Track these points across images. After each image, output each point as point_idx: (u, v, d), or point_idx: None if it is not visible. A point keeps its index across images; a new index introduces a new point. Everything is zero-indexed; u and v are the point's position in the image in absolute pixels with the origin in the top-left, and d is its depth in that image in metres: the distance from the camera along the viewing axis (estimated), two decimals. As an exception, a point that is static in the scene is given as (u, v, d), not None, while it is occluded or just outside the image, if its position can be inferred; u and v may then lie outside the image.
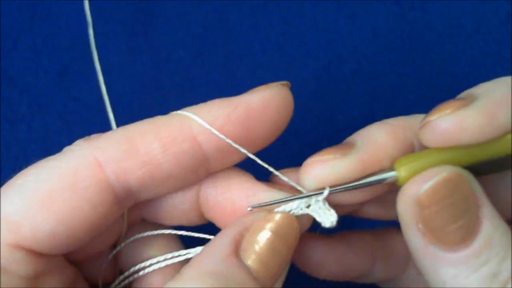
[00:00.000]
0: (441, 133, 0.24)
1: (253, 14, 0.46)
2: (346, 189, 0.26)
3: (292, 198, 0.26)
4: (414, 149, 0.27)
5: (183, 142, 0.25)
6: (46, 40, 0.45)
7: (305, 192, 0.27)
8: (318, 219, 0.26)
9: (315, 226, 0.28)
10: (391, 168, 0.26)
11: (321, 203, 0.26)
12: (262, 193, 0.27)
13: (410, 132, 0.27)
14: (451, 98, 0.47)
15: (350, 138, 0.28)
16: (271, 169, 0.27)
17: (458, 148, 0.24)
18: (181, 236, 0.30)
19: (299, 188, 0.27)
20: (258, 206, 0.26)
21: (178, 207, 0.28)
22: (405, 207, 0.24)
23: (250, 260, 0.24)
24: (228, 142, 0.26)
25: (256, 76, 0.44)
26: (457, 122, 0.23)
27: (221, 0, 0.46)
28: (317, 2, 0.46)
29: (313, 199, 0.26)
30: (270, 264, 0.25)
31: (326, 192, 0.26)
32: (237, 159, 0.27)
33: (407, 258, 0.31)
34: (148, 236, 0.29)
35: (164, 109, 0.28)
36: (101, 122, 0.42)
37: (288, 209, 0.26)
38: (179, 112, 0.26)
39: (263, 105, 0.26)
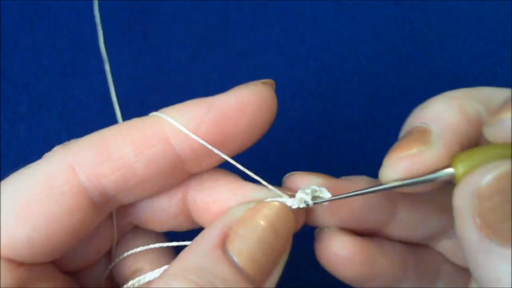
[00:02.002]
0: (404, 173, 0.23)
1: (253, 14, 0.46)
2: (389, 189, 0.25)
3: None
4: (482, 121, 0.26)
5: (155, 144, 0.25)
6: (46, 40, 0.45)
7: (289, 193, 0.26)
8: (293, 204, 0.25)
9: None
10: (447, 165, 0.24)
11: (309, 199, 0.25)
12: (250, 192, 0.26)
13: (477, 104, 0.26)
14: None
15: (415, 122, 0.26)
16: (248, 172, 0.26)
17: None
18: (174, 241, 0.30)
19: (278, 192, 0.26)
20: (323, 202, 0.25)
21: (166, 212, 0.28)
22: (464, 200, 0.23)
23: (238, 254, 0.23)
24: (203, 144, 0.25)
25: (256, 76, 0.44)
26: (422, 161, 0.23)
27: (221, 0, 0.46)
28: (317, 2, 0.46)
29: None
30: (260, 259, 0.23)
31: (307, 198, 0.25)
32: (216, 160, 0.26)
33: (437, 272, 0.30)
34: (141, 246, 0.29)
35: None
36: (101, 122, 0.42)
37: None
38: (154, 113, 0.26)
39: (239, 106, 0.25)
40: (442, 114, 0.25)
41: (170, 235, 0.31)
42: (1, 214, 0.24)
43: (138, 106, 0.44)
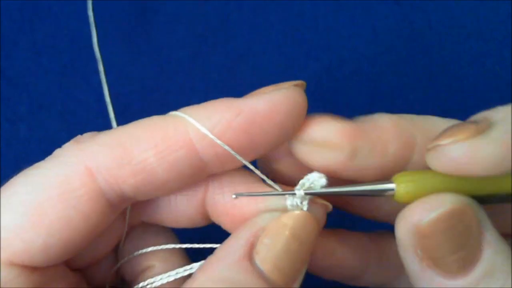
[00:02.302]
0: (452, 162, 0.22)
1: (253, 14, 0.46)
2: (334, 194, 0.25)
3: (269, 194, 0.25)
4: (414, 148, 0.25)
5: (179, 149, 0.24)
6: (46, 40, 0.45)
7: (296, 192, 0.25)
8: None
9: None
10: (389, 181, 0.24)
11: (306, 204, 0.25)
12: (270, 198, 0.25)
13: (416, 129, 0.25)
14: (451, 98, 0.47)
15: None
16: (263, 177, 0.26)
17: (465, 179, 0.23)
18: (183, 238, 0.30)
19: (276, 190, 0.26)
20: (242, 195, 0.25)
21: (184, 212, 0.27)
22: (405, 234, 0.23)
23: (264, 264, 0.23)
24: (226, 151, 0.24)
25: (256, 76, 0.44)
26: (470, 151, 0.21)
27: (221, 0, 0.46)
28: (317, 2, 0.46)
29: (295, 199, 0.25)
30: (286, 267, 0.23)
31: (300, 193, 0.25)
32: (238, 164, 0.26)
33: (401, 263, 0.30)
34: (149, 241, 0.29)
35: (164, 109, 0.27)
36: (101, 122, 0.42)
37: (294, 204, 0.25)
38: (176, 113, 0.25)
39: (270, 111, 0.24)
40: (376, 117, 0.27)
41: (177, 230, 0.30)
42: (16, 219, 0.23)
43: (138, 106, 0.44)
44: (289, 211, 0.25)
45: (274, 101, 0.24)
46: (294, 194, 0.25)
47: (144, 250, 0.28)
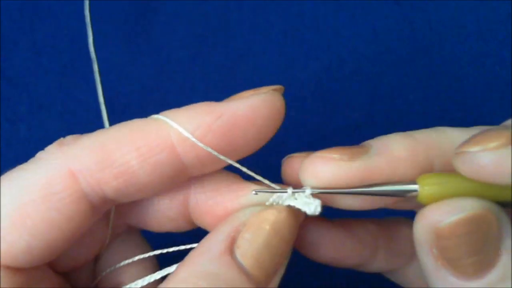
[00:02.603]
0: (479, 169, 0.22)
1: (253, 14, 0.46)
2: (346, 194, 0.25)
3: (278, 191, 0.26)
4: (433, 171, 0.25)
5: (161, 152, 0.24)
6: (46, 40, 0.45)
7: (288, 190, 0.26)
8: (301, 208, 0.25)
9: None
10: (412, 182, 0.24)
11: (304, 197, 0.25)
12: (253, 194, 0.26)
13: (433, 151, 0.25)
14: (451, 98, 0.47)
15: (366, 143, 0.26)
16: (252, 174, 0.26)
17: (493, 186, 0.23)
18: (163, 243, 0.30)
19: (272, 186, 0.26)
20: (262, 191, 0.25)
21: (167, 214, 0.28)
22: (423, 232, 0.23)
23: (245, 259, 0.23)
24: (209, 152, 0.24)
25: (256, 76, 0.45)
26: (500, 161, 0.21)
27: (221, 0, 0.46)
28: (317, 2, 0.46)
29: (301, 195, 0.25)
30: (266, 262, 0.24)
31: (308, 191, 0.25)
32: (220, 166, 0.26)
33: (412, 250, 0.30)
34: (129, 249, 0.29)
35: (164, 109, 0.27)
36: (101, 122, 0.42)
37: (270, 202, 0.26)
38: (158, 116, 0.25)
39: (250, 115, 0.24)
40: (390, 144, 0.25)
41: (162, 239, 0.30)
42: None
43: (138, 106, 0.44)
44: (270, 207, 0.25)
45: (254, 105, 0.25)
46: (303, 191, 0.25)
47: (119, 265, 0.28)
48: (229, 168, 0.27)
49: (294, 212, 0.25)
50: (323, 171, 0.24)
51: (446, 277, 0.23)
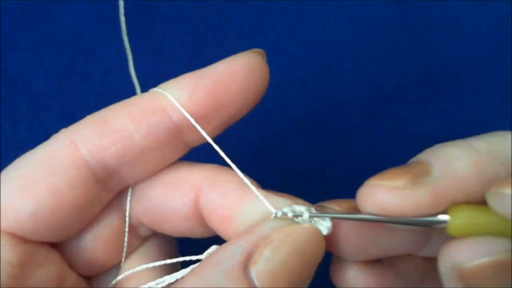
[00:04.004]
0: (379, 205, 0.22)
1: (253, 14, 0.46)
2: (378, 221, 0.23)
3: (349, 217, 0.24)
4: None
5: (153, 114, 0.26)
6: (46, 40, 0.45)
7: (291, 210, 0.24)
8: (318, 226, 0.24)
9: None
10: (443, 211, 0.22)
11: (309, 212, 0.24)
12: (260, 201, 0.25)
13: (497, 163, 0.22)
14: (450, 98, 0.47)
15: (423, 158, 0.23)
16: (233, 166, 0.26)
17: None
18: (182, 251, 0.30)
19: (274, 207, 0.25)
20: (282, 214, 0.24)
21: (179, 212, 0.27)
22: (447, 267, 0.22)
23: (260, 277, 0.22)
24: (198, 112, 0.26)
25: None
26: (402, 200, 0.22)
27: (221, 0, 0.46)
28: (317, 2, 0.46)
29: (297, 208, 0.24)
30: (281, 283, 0.22)
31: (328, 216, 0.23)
32: (214, 128, 0.27)
33: None
34: (154, 256, 0.29)
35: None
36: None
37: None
38: (152, 89, 0.27)
39: (230, 72, 0.26)
40: (452, 159, 0.23)
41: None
42: (5, 189, 0.25)
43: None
44: (295, 223, 0.23)
45: (233, 63, 0.27)
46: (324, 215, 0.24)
47: (135, 269, 0.28)
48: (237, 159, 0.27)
49: (319, 233, 0.24)
50: (387, 202, 0.22)
51: None
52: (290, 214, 0.24)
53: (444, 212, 0.22)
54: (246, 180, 0.26)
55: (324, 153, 0.43)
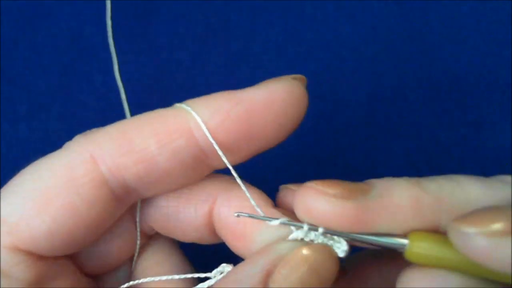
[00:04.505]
0: (476, 251, 0.21)
1: (253, 14, 0.46)
2: (342, 237, 0.23)
3: (271, 218, 0.24)
4: (438, 227, 0.23)
5: (179, 137, 0.24)
6: (46, 40, 0.45)
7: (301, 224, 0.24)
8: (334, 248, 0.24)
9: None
10: (403, 236, 0.23)
11: (323, 237, 0.24)
12: (268, 227, 0.25)
13: (442, 206, 0.23)
14: (451, 98, 0.47)
15: (370, 182, 0.24)
16: (239, 182, 0.26)
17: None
18: (192, 258, 0.30)
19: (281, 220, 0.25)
20: (243, 215, 0.24)
21: (192, 222, 0.27)
22: None
23: None
24: (227, 138, 0.24)
25: (256, 76, 0.44)
26: (498, 248, 0.20)
27: (221, 0, 0.46)
28: (317, 2, 0.46)
29: (312, 233, 0.24)
30: None
31: (320, 230, 0.24)
32: (241, 157, 0.26)
33: None
34: (162, 261, 0.29)
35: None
36: (101, 123, 0.42)
37: (298, 237, 0.24)
38: (178, 104, 0.25)
39: (267, 101, 0.24)
40: (393, 188, 0.23)
41: (186, 247, 0.30)
42: (22, 205, 0.24)
43: (137, 106, 0.44)
44: (310, 243, 0.24)
45: (272, 91, 0.24)
46: (316, 229, 0.24)
47: (151, 279, 0.28)
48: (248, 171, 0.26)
49: (334, 253, 0.24)
50: (314, 206, 0.23)
51: None
52: (306, 238, 0.24)
53: (403, 236, 0.23)
54: (259, 211, 0.25)
55: (323, 153, 0.43)
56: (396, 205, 0.23)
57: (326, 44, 0.45)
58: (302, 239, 0.24)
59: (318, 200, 0.23)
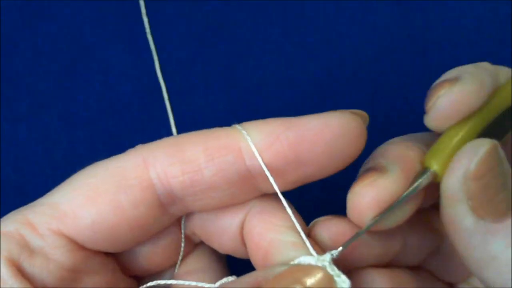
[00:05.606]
0: (444, 113, 0.25)
1: (253, 14, 0.46)
2: (391, 211, 0.25)
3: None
4: None
5: (227, 154, 0.25)
6: (47, 40, 0.45)
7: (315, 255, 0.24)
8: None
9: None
10: (422, 171, 0.25)
11: (330, 267, 0.24)
12: (289, 248, 0.25)
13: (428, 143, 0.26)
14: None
15: (371, 162, 0.26)
16: (285, 204, 0.26)
17: (467, 122, 0.25)
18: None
19: (311, 251, 0.25)
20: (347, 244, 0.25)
21: (227, 230, 0.28)
22: (455, 185, 0.24)
23: None
24: (276, 162, 0.25)
25: (256, 76, 0.44)
26: (453, 96, 0.25)
27: (221, 0, 0.46)
28: (317, 2, 0.46)
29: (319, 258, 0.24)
30: None
31: (328, 256, 0.24)
32: (288, 183, 0.26)
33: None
34: (203, 265, 0.30)
35: (164, 108, 0.27)
36: (101, 123, 0.42)
37: (305, 262, 0.24)
38: (235, 125, 0.26)
39: (319, 129, 0.25)
40: (394, 149, 0.27)
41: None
42: (71, 193, 0.25)
43: (137, 106, 0.44)
44: (310, 267, 0.24)
45: (326, 120, 0.25)
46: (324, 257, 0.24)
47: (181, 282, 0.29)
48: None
49: (333, 282, 0.24)
50: (372, 196, 0.25)
51: (485, 227, 0.23)
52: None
53: (423, 172, 0.25)
54: (300, 230, 0.25)
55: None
56: (408, 154, 0.26)
57: (326, 44, 0.45)
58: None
59: (369, 191, 0.25)
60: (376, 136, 0.45)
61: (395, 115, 0.44)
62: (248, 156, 0.25)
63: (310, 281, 0.22)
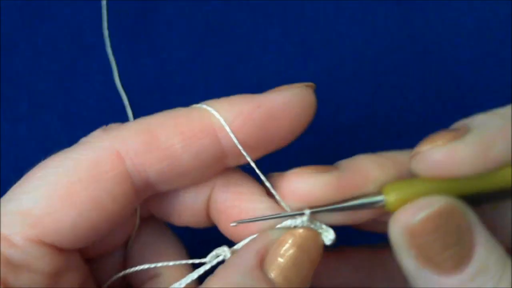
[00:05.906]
0: (432, 165, 0.24)
1: (253, 14, 0.46)
2: (329, 210, 0.26)
3: (275, 216, 0.26)
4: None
5: (204, 137, 0.25)
6: (47, 40, 0.45)
7: (288, 210, 0.27)
8: (321, 235, 0.27)
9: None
10: (378, 192, 0.25)
11: (310, 223, 0.26)
12: (267, 211, 0.26)
13: (401, 167, 0.26)
14: (451, 98, 0.47)
15: (336, 163, 0.27)
16: (263, 177, 0.27)
17: (451, 178, 0.24)
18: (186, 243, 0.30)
19: (283, 205, 0.27)
20: (241, 222, 0.26)
21: (191, 207, 0.28)
22: (397, 235, 0.24)
23: (274, 274, 0.24)
24: (248, 140, 0.25)
25: (256, 76, 0.45)
26: (448, 154, 0.23)
27: (221, 0, 0.46)
28: (317, 2, 0.46)
29: (298, 219, 0.26)
30: (293, 278, 0.25)
31: (307, 212, 0.26)
32: (256, 157, 0.27)
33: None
34: (156, 243, 0.30)
35: (164, 108, 0.27)
36: (101, 123, 0.42)
37: (288, 225, 0.26)
38: (200, 105, 0.26)
39: (286, 107, 0.26)
40: (357, 161, 0.27)
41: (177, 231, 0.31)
42: (48, 199, 0.24)
43: (138, 106, 0.44)
44: (296, 228, 0.26)
45: (291, 97, 0.26)
46: (302, 214, 0.26)
47: (153, 265, 0.28)
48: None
49: (318, 234, 0.26)
50: (300, 187, 0.26)
51: (428, 276, 0.24)
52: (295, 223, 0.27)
53: (378, 193, 0.25)
54: (275, 193, 0.26)
55: (323, 153, 0.44)
56: (364, 168, 0.26)
57: (326, 44, 0.45)
58: (290, 227, 0.26)
59: (301, 180, 0.26)
60: (377, 136, 0.45)
61: (395, 115, 0.44)
62: (223, 137, 0.25)
63: (303, 238, 0.25)
